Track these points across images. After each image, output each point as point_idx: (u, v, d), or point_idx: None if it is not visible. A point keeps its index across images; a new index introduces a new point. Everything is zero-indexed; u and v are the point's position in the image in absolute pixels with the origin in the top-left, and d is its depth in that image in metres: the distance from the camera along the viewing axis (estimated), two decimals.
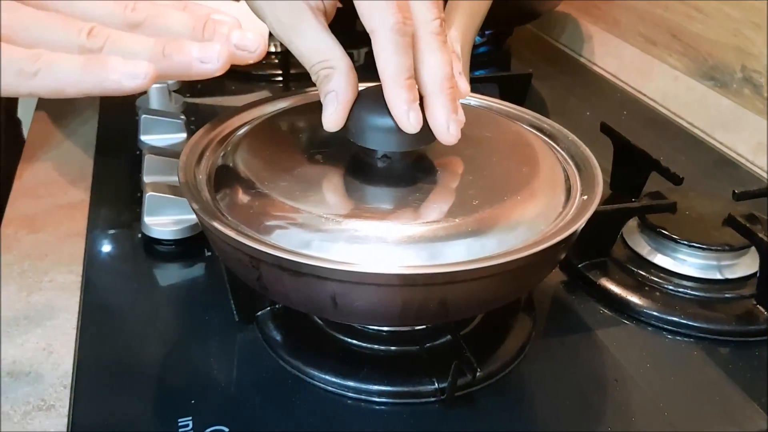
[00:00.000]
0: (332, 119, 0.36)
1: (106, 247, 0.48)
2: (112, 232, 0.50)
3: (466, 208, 0.35)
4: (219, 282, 0.44)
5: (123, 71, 0.29)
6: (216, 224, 0.33)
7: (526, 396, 0.39)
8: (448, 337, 0.40)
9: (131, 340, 0.41)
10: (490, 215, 0.35)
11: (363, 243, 0.33)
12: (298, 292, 0.33)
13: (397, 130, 0.35)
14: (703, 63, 0.73)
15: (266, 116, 0.44)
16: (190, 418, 0.35)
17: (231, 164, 0.38)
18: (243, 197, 0.36)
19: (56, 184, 0.55)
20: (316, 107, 0.37)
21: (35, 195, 0.54)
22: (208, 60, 0.31)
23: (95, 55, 0.30)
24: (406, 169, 0.38)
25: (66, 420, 0.36)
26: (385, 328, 0.40)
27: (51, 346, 0.40)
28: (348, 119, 0.36)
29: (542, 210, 0.36)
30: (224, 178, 0.38)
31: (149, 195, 0.48)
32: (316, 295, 0.33)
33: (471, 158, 0.39)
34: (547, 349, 0.42)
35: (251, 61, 0.33)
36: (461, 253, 0.33)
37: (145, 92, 0.66)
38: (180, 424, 0.35)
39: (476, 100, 0.47)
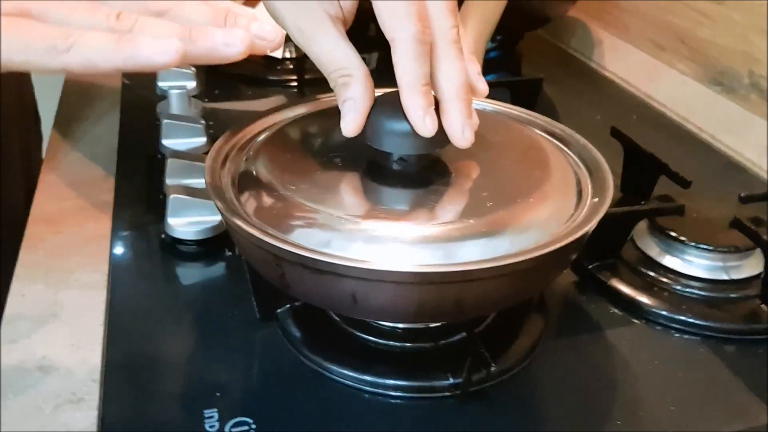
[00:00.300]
0: (351, 126, 0.37)
1: (131, 247, 0.50)
2: (135, 232, 0.51)
3: (479, 210, 0.36)
4: (240, 281, 0.46)
5: (154, 47, 0.31)
6: (241, 224, 0.34)
7: (538, 392, 0.40)
8: (462, 334, 0.41)
9: (156, 336, 0.42)
10: (503, 217, 0.36)
11: (380, 243, 0.35)
12: (319, 289, 0.35)
13: (413, 134, 0.37)
14: (711, 68, 0.74)
15: (286, 122, 0.45)
16: (216, 410, 0.37)
17: (253, 168, 0.40)
18: (265, 199, 0.38)
19: (79, 186, 0.57)
20: (333, 113, 0.38)
21: (59, 196, 0.56)
22: (232, 44, 0.33)
23: (126, 34, 0.31)
24: (422, 171, 0.39)
25: (96, 413, 0.37)
26: (401, 326, 0.42)
27: (79, 343, 0.42)
28: (365, 124, 0.38)
29: (554, 212, 0.38)
30: (247, 181, 0.39)
31: (173, 197, 0.49)
32: (336, 292, 0.34)
33: (484, 162, 0.41)
34: (559, 347, 0.43)
35: (269, 51, 0.35)
36: (475, 254, 0.35)
37: (165, 97, 0.67)
38: (206, 415, 0.37)
39: (489, 105, 0.48)
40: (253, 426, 0.36)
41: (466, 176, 0.40)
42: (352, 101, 0.37)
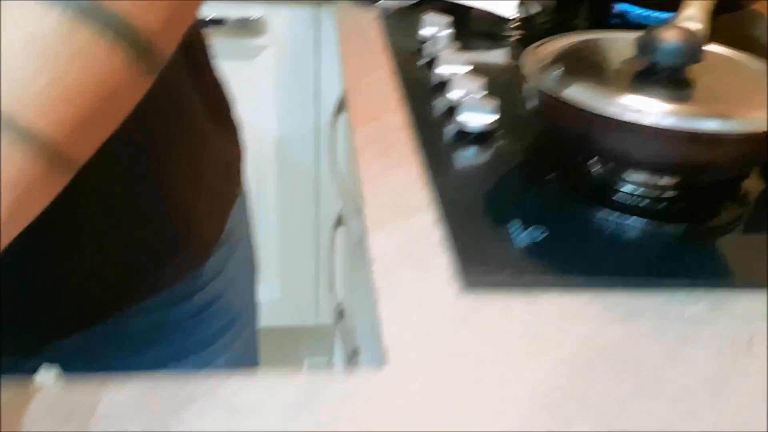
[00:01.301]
0: None
1: (435, 142, 0.69)
2: (435, 129, 0.70)
3: (718, 102, 0.53)
4: (511, 158, 0.65)
5: None
6: (563, 94, 0.53)
7: (728, 249, 0.56)
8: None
9: (467, 186, 0.61)
10: (735, 108, 0.53)
11: (647, 116, 0.52)
12: (613, 139, 0.53)
13: (674, 52, 0.54)
14: None
15: (571, 44, 0.63)
16: (518, 220, 0.55)
17: (554, 69, 0.58)
18: (562, 89, 0.55)
19: (380, 109, 0.76)
20: (605, 41, 0.55)
21: (366, 113, 0.75)
22: None
23: None
24: (679, 79, 0.56)
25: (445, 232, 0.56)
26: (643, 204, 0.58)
27: (413, 189, 0.61)
28: (644, 41, 0.55)
29: None
30: (549, 79, 0.58)
31: (464, 100, 0.69)
32: (627, 142, 0.52)
33: (724, 79, 0.58)
34: (753, 225, 0.59)
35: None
36: (715, 128, 0.52)
37: (426, 40, 0.87)
38: (510, 226, 0.55)
39: (721, 49, 0.64)
40: (546, 231, 0.54)
41: (708, 85, 0.57)
42: None
